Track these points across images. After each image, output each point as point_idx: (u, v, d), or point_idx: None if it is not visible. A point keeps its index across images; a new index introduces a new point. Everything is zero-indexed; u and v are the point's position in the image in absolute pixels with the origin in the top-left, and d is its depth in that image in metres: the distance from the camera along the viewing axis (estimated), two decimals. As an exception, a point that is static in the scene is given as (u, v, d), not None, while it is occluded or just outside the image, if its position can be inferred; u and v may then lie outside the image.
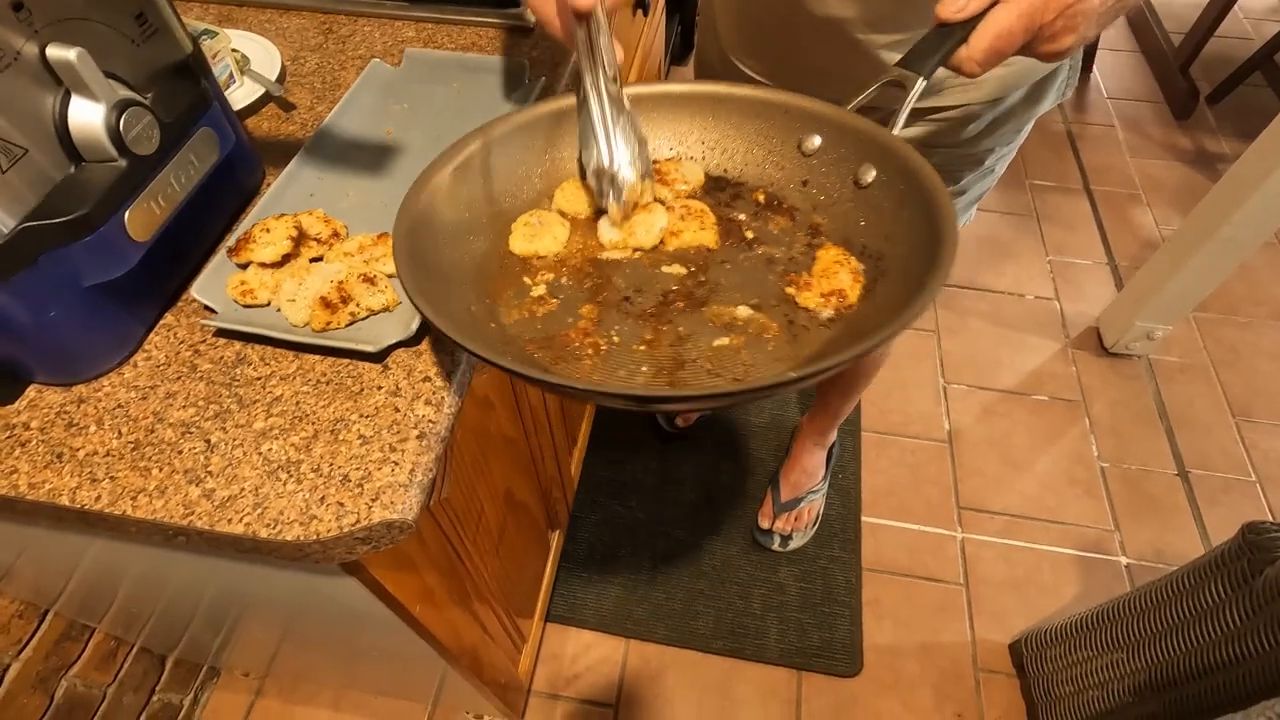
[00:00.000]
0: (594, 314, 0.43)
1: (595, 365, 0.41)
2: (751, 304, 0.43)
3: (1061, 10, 0.38)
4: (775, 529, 1.32)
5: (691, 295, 0.44)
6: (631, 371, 0.41)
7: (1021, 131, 0.72)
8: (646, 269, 0.46)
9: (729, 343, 0.42)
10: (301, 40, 0.73)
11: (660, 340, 0.42)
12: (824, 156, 0.47)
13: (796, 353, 0.41)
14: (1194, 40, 2.14)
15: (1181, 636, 0.86)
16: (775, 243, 0.47)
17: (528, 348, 0.42)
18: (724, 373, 0.40)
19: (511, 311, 0.44)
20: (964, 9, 0.39)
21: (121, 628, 0.94)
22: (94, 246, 0.42)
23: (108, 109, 0.41)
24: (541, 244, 0.46)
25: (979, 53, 0.39)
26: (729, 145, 0.50)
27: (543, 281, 0.45)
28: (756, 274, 0.45)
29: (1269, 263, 1.78)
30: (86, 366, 0.47)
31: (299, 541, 0.41)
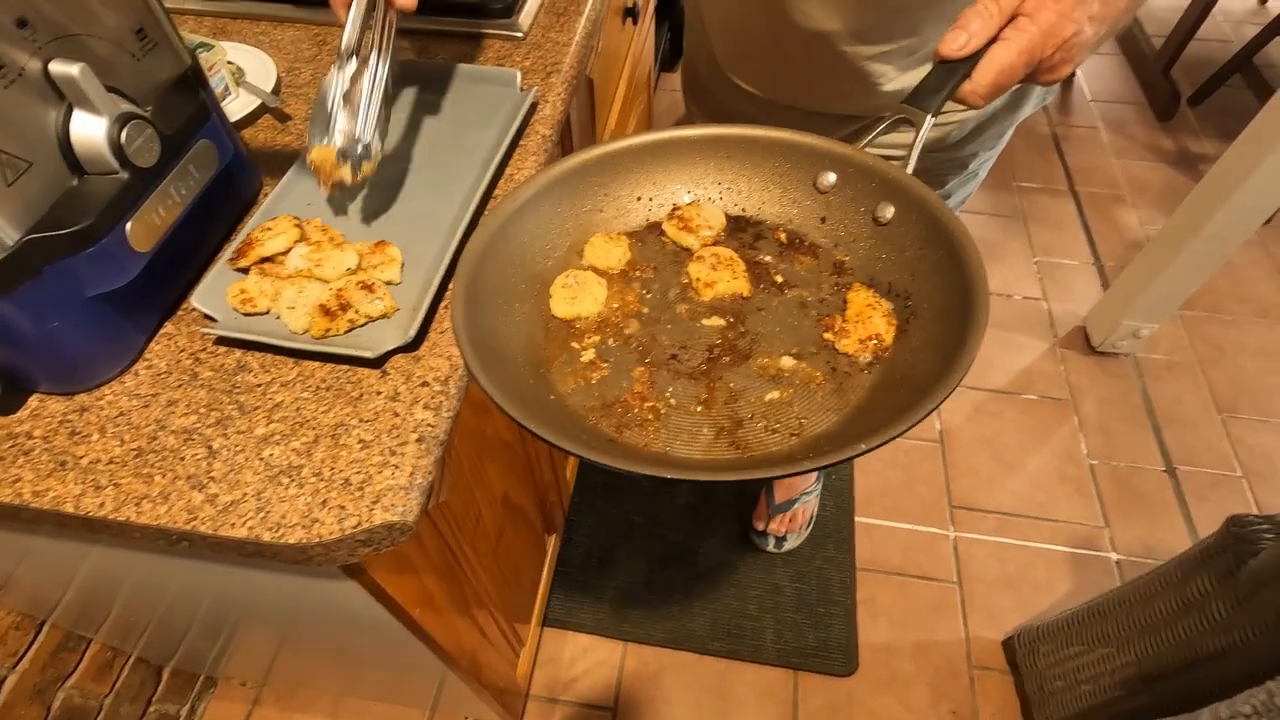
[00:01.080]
0: (646, 376, 0.43)
1: (658, 430, 0.41)
2: (793, 353, 0.44)
3: (1059, 45, 0.40)
4: (770, 530, 1.34)
5: (735, 348, 0.45)
6: (692, 435, 0.41)
7: (1003, 137, 0.74)
8: (687, 322, 0.46)
9: (779, 396, 0.42)
10: (296, 52, 0.74)
11: (715, 399, 0.42)
12: (840, 193, 0.48)
13: (844, 402, 0.41)
14: (1175, 43, 2.17)
15: (1169, 630, 0.88)
16: (804, 284, 0.47)
17: (589, 418, 0.42)
18: (780, 428, 0.41)
19: (566, 380, 0.44)
20: (965, 47, 0.40)
21: (119, 638, 0.94)
22: (96, 257, 0.43)
23: (109, 122, 0.42)
24: (583, 305, 0.46)
25: (983, 87, 0.40)
26: (744, 185, 0.51)
27: (590, 345, 0.45)
28: (792, 319, 0.46)
29: (1252, 261, 1.81)
30: (89, 375, 0.47)
31: (301, 544, 0.41)
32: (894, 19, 0.60)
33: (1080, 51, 0.40)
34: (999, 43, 0.40)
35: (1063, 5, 0.39)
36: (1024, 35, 0.39)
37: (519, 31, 0.75)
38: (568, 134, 0.90)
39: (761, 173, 0.50)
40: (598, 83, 1.02)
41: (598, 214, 0.50)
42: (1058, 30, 0.39)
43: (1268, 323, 1.69)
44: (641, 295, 0.48)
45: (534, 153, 0.64)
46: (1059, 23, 0.39)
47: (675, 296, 0.48)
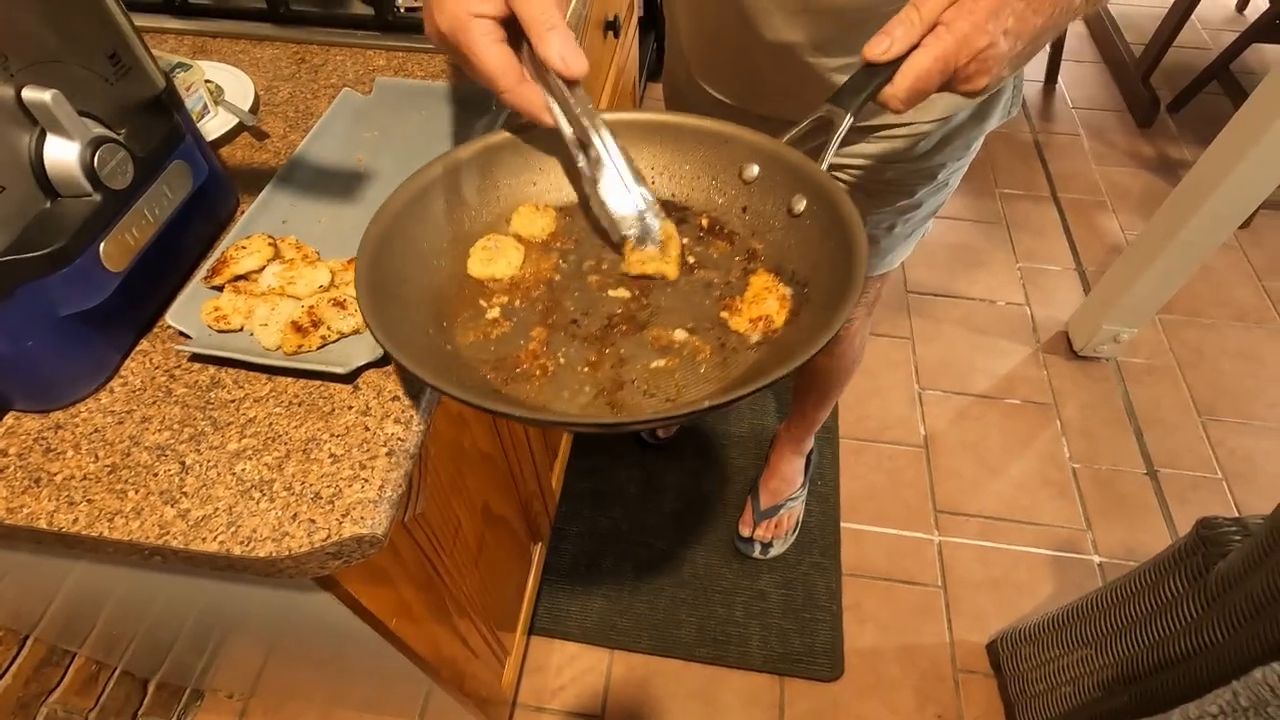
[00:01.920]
0: (544, 336, 0.46)
1: (542, 386, 0.43)
2: (688, 327, 0.46)
3: (974, 55, 0.41)
4: (756, 537, 1.34)
5: (634, 318, 0.47)
6: (574, 392, 0.43)
7: (971, 148, 0.76)
8: (595, 292, 0.48)
9: (664, 365, 0.44)
10: (274, 70, 0.75)
11: (603, 362, 0.45)
12: (761, 185, 0.50)
13: (725, 375, 0.44)
14: (1154, 50, 2.21)
15: (1144, 631, 0.89)
16: (714, 267, 0.49)
17: (480, 369, 0.44)
18: (658, 393, 0.43)
19: (467, 333, 0.46)
20: (888, 51, 0.42)
21: (103, 652, 0.95)
22: (70, 278, 0.44)
23: (82, 146, 0.43)
24: (497, 267, 0.49)
25: (902, 91, 0.42)
26: (677, 171, 0.53)
27: (497, 305, 0.48)
28: (695, 298, 0.48)
29: (1230, 265, 1.84)
30: (63, 393, 0.48)
31: (271, 558, 0.42)
32: (856, 32, 0.62)
33: (996, 64, 0.42)
34: (918, 49, 0.42)
35: (976, 17, 0.40)
36: (940, 43, 0.41)
37: (495, 49, 0.76)
38: (547, 147, 0.91)
39: (693, 160, 0.52)
40: (578, 96, 1.03)
41: (530, 186, 0.53)
42: (971, 40, 0.41)
43: (1246, 326, 1.72)
44: (557, 264, 0.50)
45: (508, 169, 0.65)
46: (973, 34, 0.40)
47: (589, 268, 0.50)
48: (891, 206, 0.79)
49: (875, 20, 0.60)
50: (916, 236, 0.87)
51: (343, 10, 0.81)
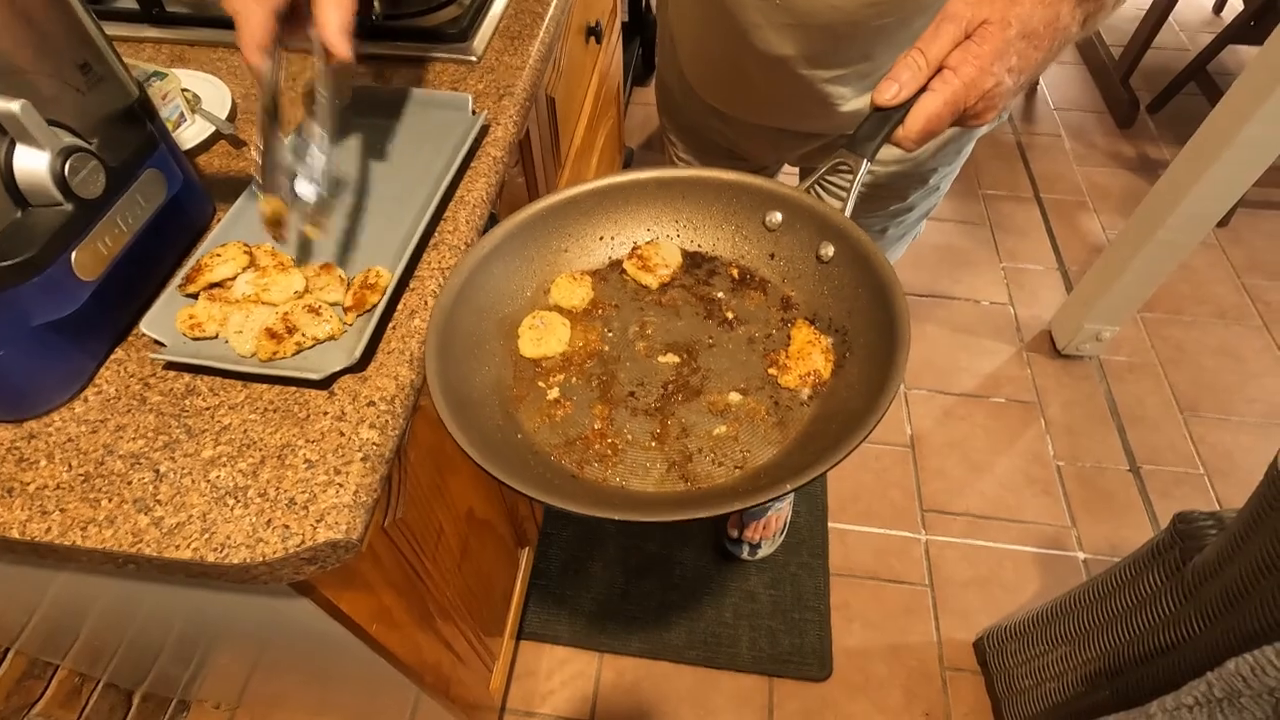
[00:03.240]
0: (606, 413, 0.46)
1: (615, 465, 0.44)
2: (740, 388, 0.47)
3: (981, 95, 0.43)
4: (744, 538, 1.35)
5: (687, 385, 0.47)
6: (647, 469, 0.44)
7: (962, 152, 0.77)
8: (644, 360, 0.49)
9: (726, 430, 0.45)
10: (251, 78, 0.75)
11: (668, 434, 0.45)
12: (787, 231, 0.50)
13: (784, 435, 0.44)
14: (1133, 52, 2.23)
15: (1124, 626, 0.90)
16: (753, 320, 0.50)
17: (553, 454, 0.44)
18: (726, 461, 0.44)
19: (532, 419, 0.46)
20: (897, 96, 0.43)
21: (86, 664, 0.94)
22: (42, 287, 0.44)
23: (53, 156, 0.43)
24: (548, 345, 0.49)
25: (914, 133, 0.44)
26: (700, 223, 0.53)
27: (555, 384, 0.48)
28: (740, 355, 0.48)
29: (1209, 263, 1.86)
30: (37, 402, 0.48)
31: (245, 564, 0.42)
32: (846, 45, 0.63)
33: (1002, 99, 0.44)
34: (927, 93, 0.43)
35: (982, 61, 0.42)
36: (949, 87, 0.42)
37: (473, 56, 0.76)
38: (529, 152, 0.92)
39: (714, 211, 0.53)
40: (560, 101, 1.03)
41: (562, 254, 0.53)
42: (979, 83, 0.42)
43: (1225, 323, 1.74)
44: (603, 333, 0.50)
45: (484, 174, 0.65)
46: (980, 77, 0.42)
47: (634, 334, 0.50)
48: (884, 210, 0.80)
49: (864, 34, 0.62)
50: (909, 239, 0.88)
51: (321, 18, 0.81)
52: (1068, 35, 0.44)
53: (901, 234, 0.87)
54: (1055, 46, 0.44)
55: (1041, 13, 0.42)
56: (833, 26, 0.61)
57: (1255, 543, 0.69)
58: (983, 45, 0.41)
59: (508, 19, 0.82)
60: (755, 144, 0.82)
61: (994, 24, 0.41)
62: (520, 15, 0.83)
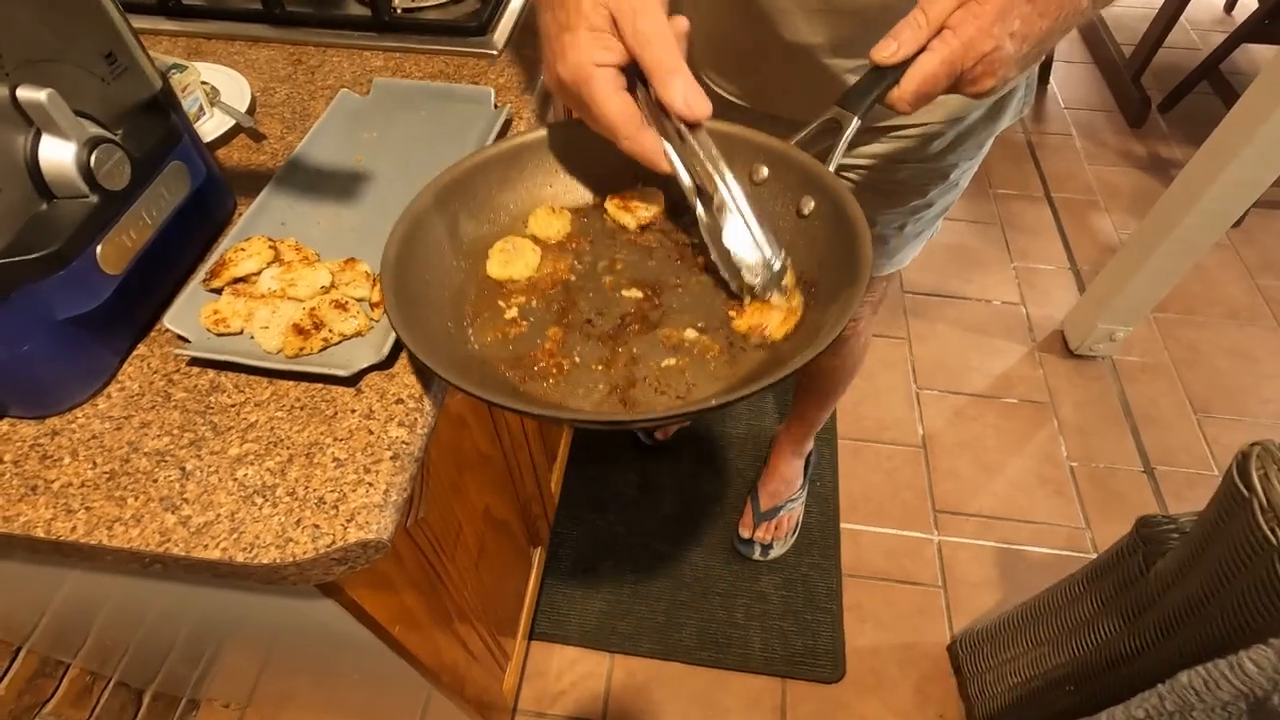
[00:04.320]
0: (559, 335, 0.47)
1: (558, 384, 0.45)
2: (698, 326, 0.47)
3: (980, 58, 0.41)
4: (756, 538, 1.34)
5: (646, 318, 0.48)
6: (589, 390, 0.44)
7: (983, 147, 0.76)
8: (609, 293, 0.49)
9: (675, 363, 0.45)
10: (271, 71, 0.74)
11: (616, 361, 0.46)
12: (772, 186, 0.50)
13: (734, 373, 0.44)
14: (1144, 51, 2.22)
15: (1092, 631, 0.89)
16: None
17: (499, 367, 0.45)
18: (669, 391, 0.44)
19: (486, 333, 0.47)
20: (895, 54, 0.42)
21: (97, 662, 0.93)
22: (67, 281, 0.43)
23: (79, 147, 0.42)
24: (515, 269, 0.50)
25: (908, 94, 0.43)
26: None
27: (515, 305, 0.49)
28: (705, 297, 0.49)
29: (1222, 263, 1.85)
30: (60, 399, 0.47)
31: (275, 564, 0.41)
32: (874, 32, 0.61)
33: (1002, 66, 0.42)
34: (924, 53, 0.42)
35: (983, 21, 0.40)
36: (946, 46, 0.41)
37: (493, 50, 0.75)
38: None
39: None
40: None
41: (546, 188, 0.54)
42: (977, 44, 0.41)
43: (1239, 324, 1.73)
44: (573, 265, 0.51)
45: (508, 169, 0.64)
46: (979, 37, 0.41)
47: (603, 268, 0.51)
48: (904, 206, 0.78)
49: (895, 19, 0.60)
50: (926, 236, 0.87)
51: (339, 11, 0.80)
52: (1077, 7, 0.43)
53: (919, 231, 0.86)
54: (1063, 17, 0.42)
55: None
56: (865, 11, 0.59)
57: (1214, 552, 0.68)
58: (984, 5, 0.40)
59: (527, 13, 0.81)
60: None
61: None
62: (540, 9, 0.82)
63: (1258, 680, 0.58)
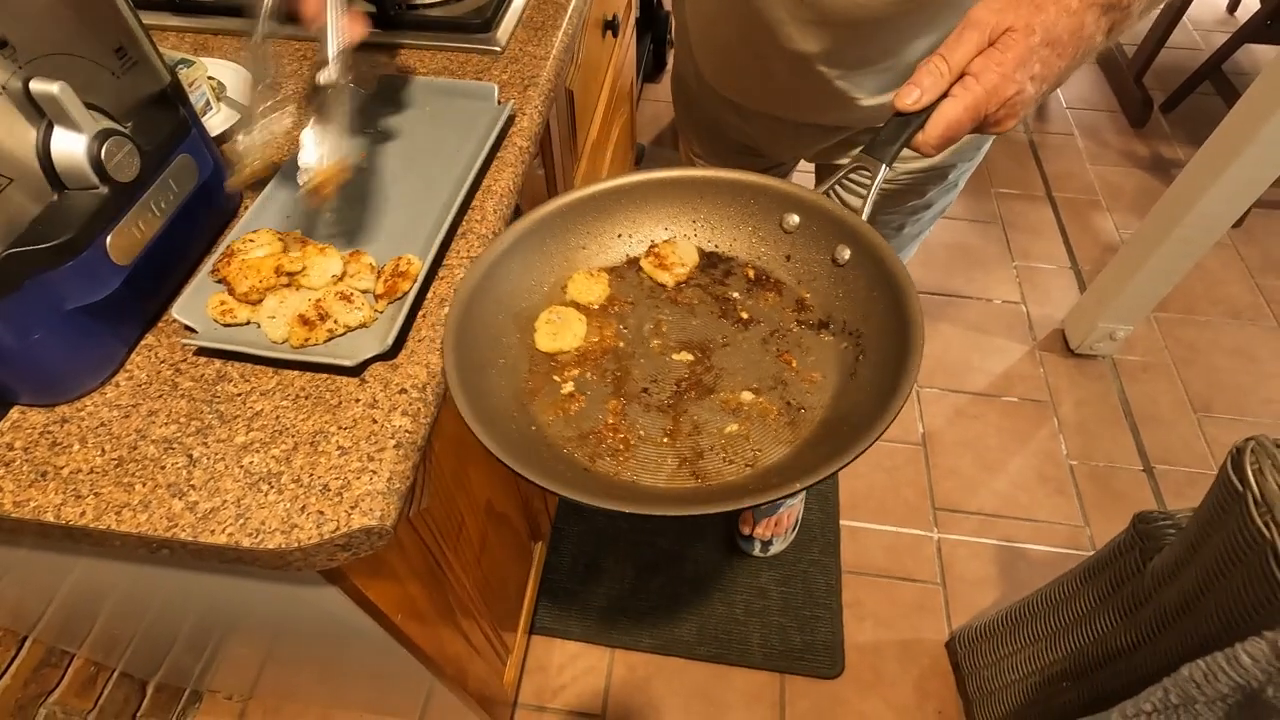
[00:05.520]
0: (619, 408, 0.46)
1: (627, 460, 0.44)
2: (753, 388, 0.47)
3: (1003, 103, 0.42)
4: (756, 534, 1.35)
5: (700, 382, 0.47)
6: (659, 464, 0.44)
7: (981, 149, 0.76)
8: (659, 357, 0.49)
9: (738, 429, 0.45)
10: (276, 67, 0.75)
11: (680, 430, 0.45)
12: (803, 234, 0.51)
13: (795, 435, 0.44)
14: (1146, 51, 2.22)
15: (1089, 626, 0.89)
16: (768, 320, 0.50)
17: (566, 447, 0.44)
18: (737, 460, 0.44)
19: (547, 411, 0.46)
20: (919, 101, 0.43)
21: (102, 653, 0.94)
22: (77, 270, 0.44)
23: (89, 139, 0.43)
24: (564, 340, 0.49)
25: (934, 139, 0.43)
26: (717, 223, 0.53)
27: (570, 378, 0.48)
28: (754, 355, 0.48)
29: (1223, 263, 1.85)
30: (70, 387, 0.48)
31: (281, 550, 0.42)
32: (870, 42, 0.62)
33: (1023, 107, 0.43)
34: (948, 99, 0.43)
35: (1005, 68, 0.41)
36: (970, 94, 0.42)
37: (497, 46, 0.76)
38: (548, 145, 0.91)
39: (732, 212, 0.53)
40: (578, 94, 1.03)
41: (580, 251, 0.53)
42: (1000, 90, 0.42)
43: (1239, 323, 1.73)
44: (619, 330, 0.50)
45: (511, 164, 0.65)
46: (1002, 84, 0.41)
47: (649, 332, 0.50)
48: (903, 206, 0.79)
49: (888, 31, 0.61)
50: (923, 236, 0.88)
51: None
52: (1092, 44, 0.44)
53: (917, 231, 0.86)
54: (1079, 55, 0.44)
55: (1066, 21, 0.42)
56: (858, 23, 0.60)
57: (1209, 547, 0.68)
58: (1006, 53, 0.41)
59: (530, 9, 0.82)
60: (772, 139, 0.82)
61: (1018, 31, 0.41)
62: (543, 6, 0.83)
63: (1252, 672, 0.59)
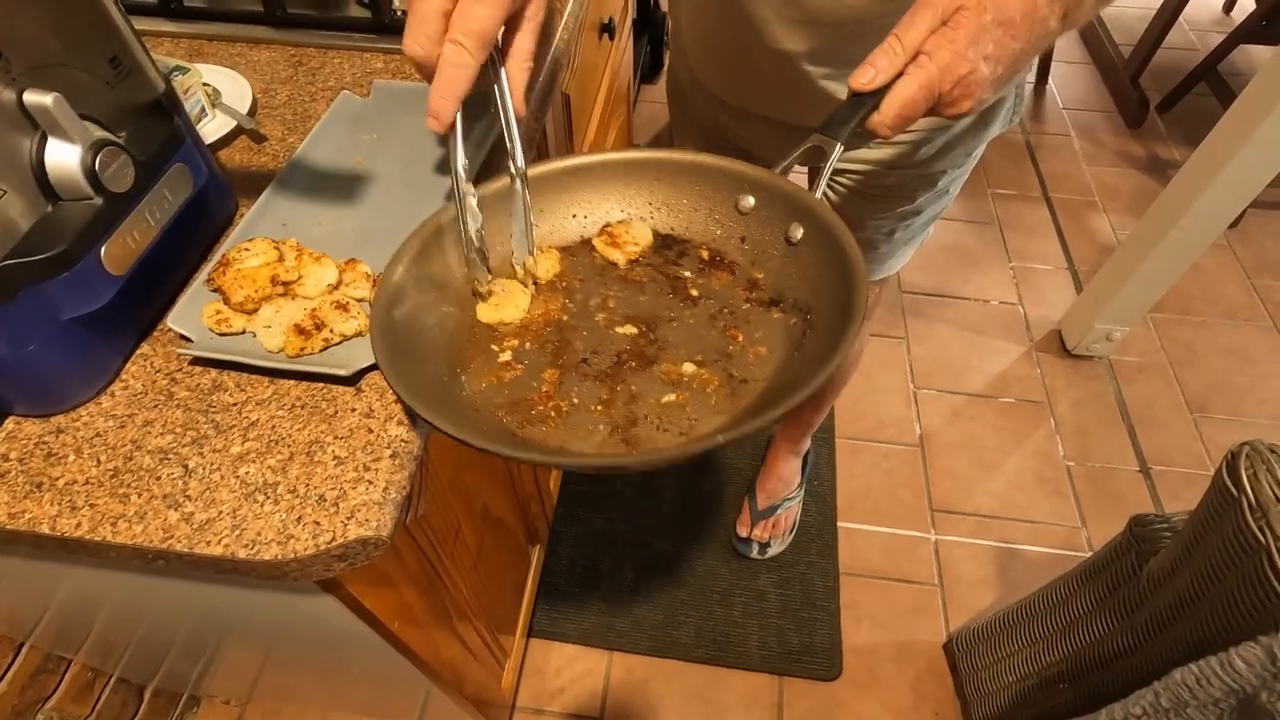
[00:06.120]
0: (555, 377, 0.46)
1: (557, 426, 0.44)
2: (696, 360, 0.47)
3: (956, 81, 0.42)
4: (753, 537, 1.35)
5: (643, 354, 0.47)
6: (590, 431, 0.43)
7: (972, 155, 0.76)
8: (603, 330, 0.49)
9: (675, 399, 0.45)
10: (272, 73, 0.75)
11: (615, 399, 0.45)
12: (758, 215, 0.51)
13: (734, 405, 0.44)
14: (1143, 51, 2.23)
15: (1085, 629, 0.89)
16: (718, 298, 0.50)
17: (496, 413, 0.45)
18: (671, 428, 0.43)
19: (480, 378, 0.46)
20: (873, 81, 0.43)
21: (99, 658, 0.94)
22: (72, 281, 0.43)
23: (84, 150, 0.42)
24: (506, 312, 0.49)
25: (889, 119, 0.44)
26: (674, 205, 0.54)
27: (509, 348, 0.48)
28: (700, 330, 0.49)
29: (1219, 264, 1.86)
30: (64, 397, 0.48)
31: (277, 560, 0.42)
32: (853, 43, 0.62)
33: (979, 89, 0.43)
34: (902, 78, 0.43)
35: (957, 46, 0.41)
36: (923, 71, 0.42)
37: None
38: (544, 149, 0.91)
39: (689, 194, 0.53)
40: (574, 97, 1.03)
41: (533, 228, 0.53)
42: (953, 68, 0.42)
43: (1235, 324, 1.73)
44: (564, 304, 0.51)
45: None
46: (954, 61, 0.42)
47: (595, 305, 0.50)
48: (892, 212, 0.79)
49: (872, 32, 0.61)
50: (916, 242, 0.88)
51: (339, 13, 0.81)
52: (1046, 28, 0.44)
53: (909, 237, 0.86)
54: (1034, 38, 0.44)
55: (1018, 2, 0.42)
56: (842, 24, 0.61)
57: (1204, 551, 0.68)
58: (957, 30, 0.41)
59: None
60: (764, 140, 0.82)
61: (969, 9, 0.41)
62: (539, 11, 0.82)
63: (1246, 677, 0.59)
